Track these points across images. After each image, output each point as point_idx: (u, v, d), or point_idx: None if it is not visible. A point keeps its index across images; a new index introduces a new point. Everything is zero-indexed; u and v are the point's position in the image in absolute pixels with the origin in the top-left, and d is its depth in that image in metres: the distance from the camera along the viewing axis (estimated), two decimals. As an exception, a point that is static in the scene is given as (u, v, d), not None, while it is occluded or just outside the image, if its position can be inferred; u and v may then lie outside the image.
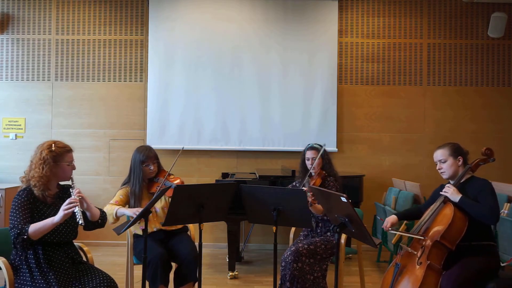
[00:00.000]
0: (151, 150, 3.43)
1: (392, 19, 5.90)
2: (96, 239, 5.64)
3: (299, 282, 3.22)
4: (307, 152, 3.60)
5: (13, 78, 5.89)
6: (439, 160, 2.93)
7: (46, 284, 2.46)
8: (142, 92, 5.86)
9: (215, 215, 3.02)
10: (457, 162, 2.89)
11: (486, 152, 2.96)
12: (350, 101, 5.86)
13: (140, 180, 3.35)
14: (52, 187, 2.67)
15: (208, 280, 4.38)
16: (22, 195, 2.56)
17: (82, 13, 5.90)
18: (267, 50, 5.74)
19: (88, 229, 2.77)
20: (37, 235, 2.45)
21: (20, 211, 2.50)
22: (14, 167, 5.72)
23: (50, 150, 2.60)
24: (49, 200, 2.62)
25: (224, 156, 5.82)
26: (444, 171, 2.92)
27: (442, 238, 2.68)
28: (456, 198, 2.75)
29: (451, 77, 5.89)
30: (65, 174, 2.66)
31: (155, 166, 3.41)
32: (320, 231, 3.53)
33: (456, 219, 2.70)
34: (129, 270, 3.38)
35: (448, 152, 2.90)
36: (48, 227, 2.46)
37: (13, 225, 2.47)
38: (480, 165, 2.93)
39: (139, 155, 3.38)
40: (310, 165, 3.55)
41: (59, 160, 2.61)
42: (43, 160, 2.57)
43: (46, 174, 2.56)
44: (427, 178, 5.66)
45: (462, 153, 2.92)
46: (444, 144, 2.98)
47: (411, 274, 2.70)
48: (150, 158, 3.38)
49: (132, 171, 3.39)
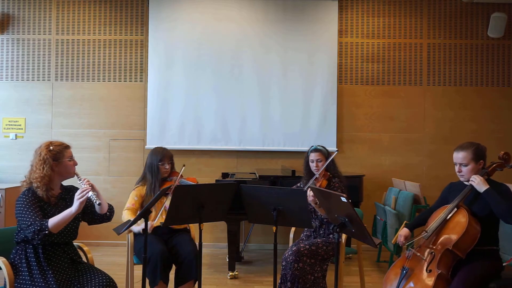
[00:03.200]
0: (167, 151, 3.60)
1: (392, 19, 5.90)
2: (96, 239, 5.64)
3: (300, 282, 3.22)
4: (311, 154, 3.58)
5: (13, 78, 5.89)
6: (460, 163, 2.81)
7: (45, 284, 2.47)
8: (142, 92, 5.87)
9: (215, 215, 3.02)
10: (478, 166, 2.79)
11: (504, 157, 2.84)
12: (350, 101, 5.86)
13: (159, 178, 3.48)
14: (56, 187, 2.69)
15: (208, 280, 4.38)
16: (27, 194, 2.57)
17: (82, 13, 5.90)
18: (267, 50, 5.74)
19: (93, 223, 2.79)
20: (57, 228, 2.48)
21: (31, 209, 2.51)
22: (14, 167, 5.73)
23: (49, 150, 2.63)
24: (52, 201, 2.63)
25: (224, 156, 5.82)
26: (464, 174, 2.80)
27: (455, 247, 2.62)
28: (482, 188, 2.66)
29: (451, 77, 5.89)
30: (69, 170, 2.68)
31: (170, 166, 3.55)
32: (323, 233, 3.52)
33: (470, 227, 2.63)
34: (129, 270, 3.38)
35: (471, 156, 2.77)
36: (68, 219, 2.50)
37: (28, 223, 2.46)
38: (496, 170, 2.83)
39: (157, 155, 3.53)
40: (315, 167, 3.54)
41: (59, 157, 2.64)
42: (43, 160, 2.59)
43: (47, 173, 2.59)
44: (427, 178, 5.67)
45: (484, 156, 2.80)
46: (466, 146, 2.81)
47: (419, 280, 2.64)
48: (166, 158, 3.53)
49: (148, 171, 3.51)
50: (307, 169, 3.63)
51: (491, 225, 2.74)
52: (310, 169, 3.60)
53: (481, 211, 2.73)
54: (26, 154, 5.66)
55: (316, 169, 3.54)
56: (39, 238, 2.45)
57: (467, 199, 2.79)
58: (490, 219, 2.71)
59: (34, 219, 2.47)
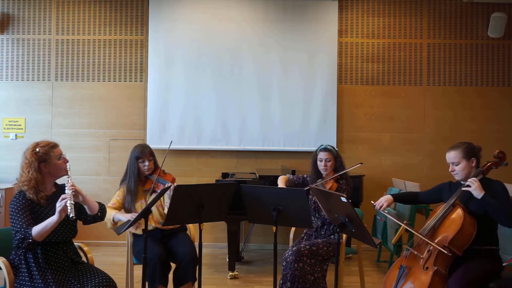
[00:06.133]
0: (146, 147, 3.46)
1: (392, 19, 5.90)
2: (96, 239, 5.64)
3: (300, 282, 3.22)
4: (320, 153, 3.57)
5: (13, 78, 5.89)
6: (451, 162, 2.86)
7: (45, 284, 2.47)
8: (142, 92, 5.87)
9: (215, 215, 3.02)
10: (470, 164, 2.82)
11: (499, 155, 2.88)
12: (350, 101, 5.86)
13: (135, 176, 3.37)
14: (48, 187, 2.67)
15: (208, 280, 4.38)
16: (18, 198, 2.57)
17: (82, 13, 5.90)
18: (267, 50, 5.74)
19: (88, 223, 2.78)
20: (41, 236, 2.46)
21: (20, 214, 2.51)
22: (14, 167, 5.64)
23: (35, 152, 2.60)
24: (43, 202, 2.61)
25: (224, 156, 5.82)
26: (457, 173, 2.85)
27: (451, 244, 2.64)
28: (479, 194, 2.68)
29: (451, 77, 5.89)
30: (59, 169, 2.65)
31: (151, 163, 3.43)
32: (324, 233, 3.52)
33: (465, 225, 2.65)
34: (129, 270, 3.38)
35: (461, 154, 2.82)
36: (50, 227, 2.47)
37: (16, 229, 2.47)
38: (492, 168, 2.87)
39: (135, 151, 3.42)
40: (323, 167, 3.53)
41: (47, 158, 2.61)
42: (28, 164, 2.58)
43: (33, 177, 2.56)
44: (427, 178, 5.66)
45: (476, 154, 2.84)
46: (457, 145, 2.88)
47: (416, 278, 2.67)
48: (145, 155, 3.40)
49: (128, 168, 3.43)
50: (314, 168, 3.62)
51: (489, 223, 2.74)
52: (317, 168, 3.59)
53: (478, 209, 2.74)
54: (26, 154, 5.67)
55: (324, 168, 3.53)
56: (23, 246, 2.45)
57: (464, 197, 2.81)
58: (488, 218, 2.72)
59: (21, 226, 2.46)
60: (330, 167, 3.54)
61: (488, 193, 2.70)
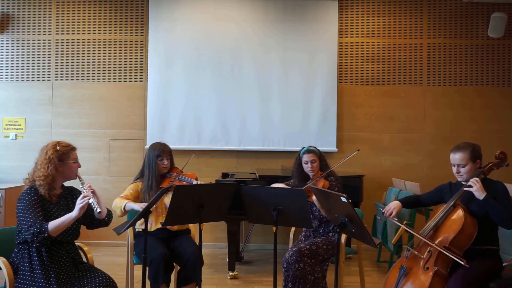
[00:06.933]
0: (166, 146, 3.50)
1: (392, 19, 5.90)
2: (97, 239, 5.64)
3: (301, 282, 3.23)
4: (304, 155, 3.55)
5: (13, 78, 5.89)
6: (458, 164, 2.83)
7: (47, 283, 2.47)
8: (142, 92, 5.86)
9: (215, 215, 3.02)
10: (475, 166, 2.81)
11: (500, 156, 2.88)
12: (350, 101, 5.86)
13: (155, 174, 3.39)
14: (57, 187, 2.70)
15: (208, 280, 4.38)
16: (29, 193, 2.58)
17: (82, 13, 5.90)
18: (267, 50, 5.74)
19: (92, 227, 2.81)
20: (57, 231, 2.49)
21: (32, 209, 2.52)
22: (14, 167, 5.73)
23: (56, 150, 2.65)
24: (54, 200, 2.64)
25: (224, 156, 5.82)
26: (462, 174, 2.83)
27: (451, 244, 2.64)
28: (481, 196, 2.67)
29: (451, 77, 5.89)
30: (72, 172, 2.70)
31: (169, 162, 3.47)
32: (323, 231, 3.52)
33: (466, 225, 2.65)
34: (129, 270, 3.38)
35: (468, 156, 2.79)
36: (68, 223, 2.50)
37: (29, 223, 2.46)
38: (493, 169, 2.86)
39: (154, 150, 3.44)
40: (310, 168, 3.53)
41: (64, 158, 2.66)
42: (48, 160, 2.61)
43: (51, 173, 2.60)
44: (427, 178, 5.66)
45: (480, 155, 2.84)
46: (463, 147, 2.83)
47: (416, 278, 2.67)
48: (165, 153, 3.44)
49: (146, 166, 3.43)
50: (298, 171, 3.60)
51: (490, 223, 2.74)
52: (302, 171, 3.58)
53: (479, 210, 2.74)
54: (26, 154, 5.67)
55: (311, 169, 3.53)
56: (38, 240, 2.45)
57: (465, 197, 2.81)
58: (488, 218, 2.72)
59: (35, 221, 2.47)
60: (316, 167, 3.54)
61: (489, 194, 2.69)
